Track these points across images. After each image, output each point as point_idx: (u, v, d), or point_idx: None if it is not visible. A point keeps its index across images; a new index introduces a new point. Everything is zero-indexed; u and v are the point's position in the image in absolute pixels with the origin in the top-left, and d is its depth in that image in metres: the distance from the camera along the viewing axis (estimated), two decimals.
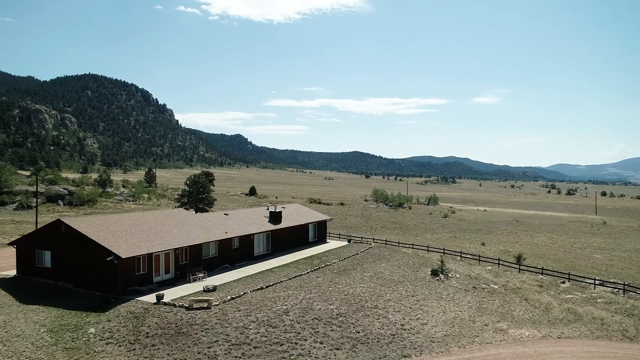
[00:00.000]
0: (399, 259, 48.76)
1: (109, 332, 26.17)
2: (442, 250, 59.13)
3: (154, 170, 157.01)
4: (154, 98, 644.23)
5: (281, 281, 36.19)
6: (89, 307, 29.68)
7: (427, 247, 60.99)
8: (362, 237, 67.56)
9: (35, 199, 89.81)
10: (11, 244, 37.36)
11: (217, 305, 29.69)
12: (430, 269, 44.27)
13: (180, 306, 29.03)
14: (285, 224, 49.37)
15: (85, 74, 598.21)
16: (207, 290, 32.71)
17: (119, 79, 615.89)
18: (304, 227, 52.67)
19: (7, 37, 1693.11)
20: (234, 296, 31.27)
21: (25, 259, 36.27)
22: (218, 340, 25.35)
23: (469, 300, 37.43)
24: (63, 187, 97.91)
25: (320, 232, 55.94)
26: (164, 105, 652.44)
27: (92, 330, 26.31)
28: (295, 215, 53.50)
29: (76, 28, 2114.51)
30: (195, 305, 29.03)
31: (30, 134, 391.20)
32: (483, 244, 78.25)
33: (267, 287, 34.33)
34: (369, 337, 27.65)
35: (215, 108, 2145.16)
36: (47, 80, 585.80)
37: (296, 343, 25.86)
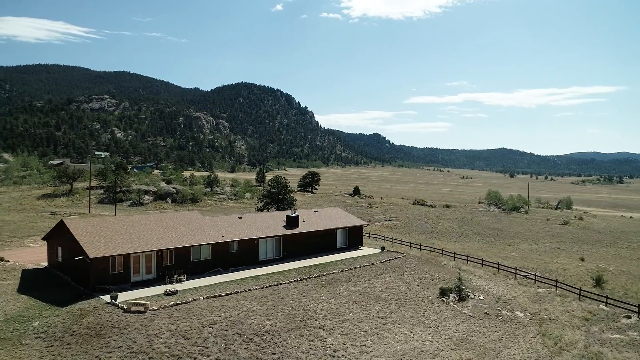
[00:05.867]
0: (417, 273, 43.53)
1: (47, 326, 28.37)
2: (496, 265, 51.25)
3: (264, 170, 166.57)
4: (297, 102, 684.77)
5: (249, 289, 35.12)
6: (61, 301, 32.56)
7: (482, 260, 53.34)
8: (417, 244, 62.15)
9: (146, 197, 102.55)
10: (44, 238, 43.14)
11: (155, 310, 30.09)
12: (439, 288, 38.62)
13: (120, 308, 30.16)
14: (303, 228, 47.88)
15: (238, 83, 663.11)
16: (168, 294, 33.39)
17: (266, 85, 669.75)
18: (329, 232, 50.38)
19: (182, 55, 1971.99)
20: (178, 302, 31.34)
21: (51, 252, 41.57)
22: (122, 347, 25.65)
23: (458, 329, 31.68)
24: (172, 186, 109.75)
25: (352, 238, 52.93)
26: (305, 107, 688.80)
27: (36, 323, 28.86)
28: (322, 220, 51.52)
29: (234, 43, 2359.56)
30: (132, 309, 29.86)
31: (191, 139, 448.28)
32: (582, 259, 65.65)
33: (226, 295, 33.64)
34: None
35: (356, 108, 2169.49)
36: (208, 90, 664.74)
37: (195, 359, 24.83)
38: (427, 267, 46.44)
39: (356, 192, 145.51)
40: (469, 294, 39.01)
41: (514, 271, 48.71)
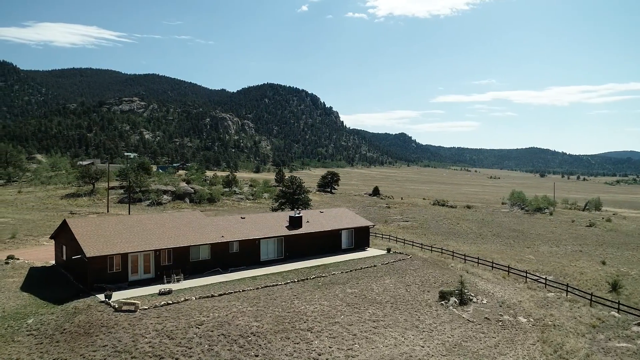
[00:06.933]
0: (420, 276, 42.48)
1: (41, 324, 28.88)
2: (507, 268, 49.64)
3: (284, 170, 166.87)
4: (322, 102, 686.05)
5: (243, 290, 34.98)
6: (58, 299, 33.18)
7: (492, 263, 51.74)
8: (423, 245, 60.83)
9: (164, 196, 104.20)
10: (51, 237, 44.16)
11: (146, 309, 30.25)
12: (439, 291, 37.57)
13: (112, 307, 30.47)
14: (306, 229, 47.51)
15: (264, 84, 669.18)
16: (162, 293, 33.59)
17: (291, 86, 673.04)
18: (333, 233, 49.83)
19: (209, 57, 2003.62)
20: (169, 302, 31.44)
21: (57, 251, 42.53)
22: (107, 345, 25.86)
23: (453, 334, 30.68)
24: (191, 186, 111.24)
25: (358, 239, 52.20)
26: (330, 108, 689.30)
27: (30, 320, 29.46)
28: (327, 220, 51.02)
29: (260, 44, 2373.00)
30: (124, 308, 30.12)
31: (217, 139, 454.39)
32: (603, 263, 63.00)
33: (218, 295, 33.58)
34: None
35: (381, 108, 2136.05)
36: (234, 91, 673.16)
37: (177, 359, 24.80)
38: (431, 269, 45.34)
39: (375, 192, 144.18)
40: (471, 297, 37.83)
41: (524, 274, 47.07)
